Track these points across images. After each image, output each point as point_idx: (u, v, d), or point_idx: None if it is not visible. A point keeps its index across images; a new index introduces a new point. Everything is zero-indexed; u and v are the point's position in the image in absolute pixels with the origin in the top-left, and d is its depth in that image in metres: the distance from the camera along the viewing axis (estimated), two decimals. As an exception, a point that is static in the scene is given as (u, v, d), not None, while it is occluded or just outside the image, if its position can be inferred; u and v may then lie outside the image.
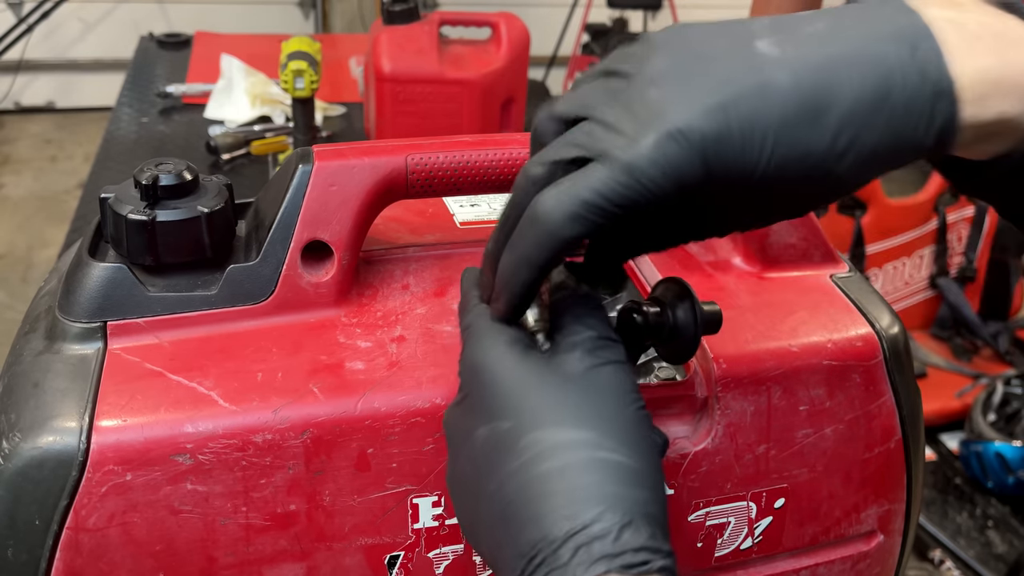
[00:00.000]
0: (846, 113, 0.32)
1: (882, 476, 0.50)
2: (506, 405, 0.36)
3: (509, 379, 0.37)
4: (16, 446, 0.39)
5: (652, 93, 0.33)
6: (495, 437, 0.36)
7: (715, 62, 0.33)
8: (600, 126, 0.34)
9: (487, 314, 0.39)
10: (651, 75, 0.33)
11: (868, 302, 0.52)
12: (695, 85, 0.32)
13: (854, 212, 1.93)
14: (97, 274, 0.44)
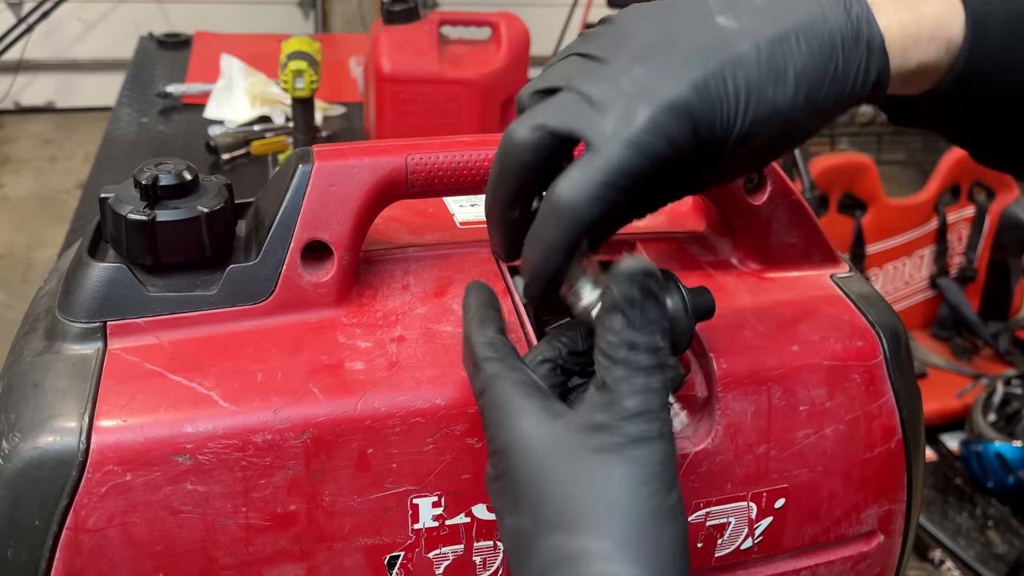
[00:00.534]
0: (801, 72, 0.37)
1: (882, 476, 0.50)
2: (528, 499, 0.35)
3: (532, 467, 0.35)
4: (16, 446, 0.39)
5: (637, 70, 0.36)
6: (518, 532, 0.36)
7: (687, 39, 0.37)
8: (586, 101, 0.37)
9: (509, 374, 0.38)
10: (631, 54, 0.37)
11: (868, 302, 0.52)
12: (676, 61, 0.36)
13: (854, 212, 1.93)
14: (97, 274, 0.44)
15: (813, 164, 1.87)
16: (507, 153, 0.39)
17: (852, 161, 1.93)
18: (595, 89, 0.37)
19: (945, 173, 1.99)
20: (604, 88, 0.36)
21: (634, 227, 0.57)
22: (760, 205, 0.52)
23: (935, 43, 0.38)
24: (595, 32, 0.40)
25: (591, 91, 0.37)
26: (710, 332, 0.48)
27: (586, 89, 0.37)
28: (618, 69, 0.37)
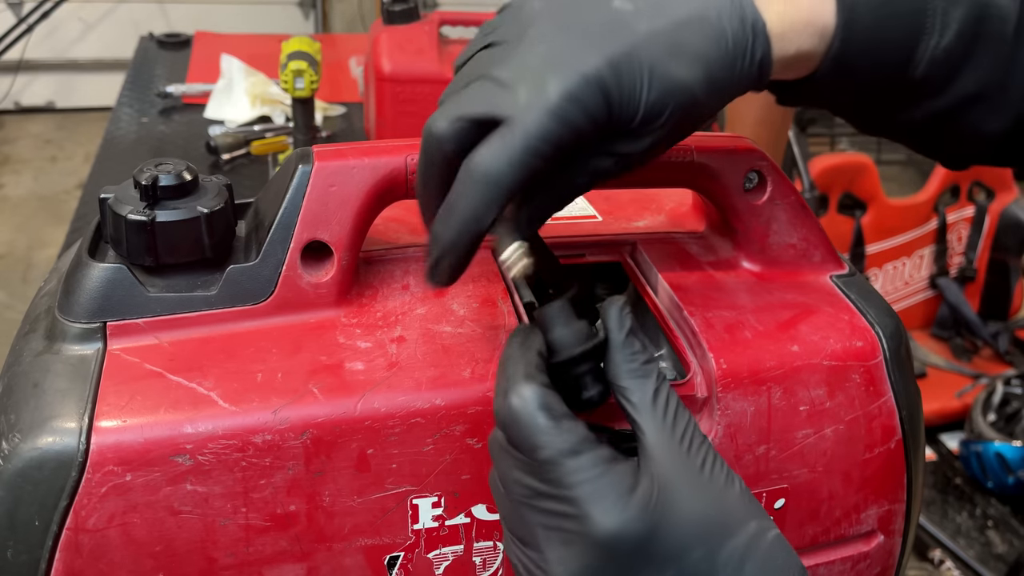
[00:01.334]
0: (697, 51, 0.39)
1: (882, 476, 0.50)
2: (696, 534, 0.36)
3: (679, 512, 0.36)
4: (16, 447, 0.39)
5: (542, 49, 0.38)
6: (686, 572, 0.36)
7: (589, 22, 0.39)
8: (497, 84, 0.38)
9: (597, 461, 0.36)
10: (536, 36, 0.39)
11: (868, 302, 0.52)
12: (583, 40, 0.38)
13: (854, 212, 1.93)
14: (97, 274, 0.44)
15: (813, 164, 1.87)
16: (428, 146, 0.39)
17: (852, 161, 1.93)
18: (504, 71, 0.38)
19: (945, 173, 1.99)
20: (513, 68, 0.38)
21: (635, 227, 0.57)
22: (760, 205, 0.52)
23: (810, 29, 0.41)
24: (495, 21, 0.42)
25: (500, 74, 0.38)
26: (710, 332, 0.48)
27: (496, 73, 0.38)
28: (524, 50, 0.39)
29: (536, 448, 0.36)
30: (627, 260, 0.55)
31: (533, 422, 0.36)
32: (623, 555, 0.35)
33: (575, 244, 0.55)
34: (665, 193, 0.62)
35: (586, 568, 0.36)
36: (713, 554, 0.36)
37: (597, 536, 0.35)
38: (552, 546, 0.37)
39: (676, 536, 0.36)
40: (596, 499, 0.35)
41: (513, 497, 0.38)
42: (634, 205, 0.60)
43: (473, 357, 0.45)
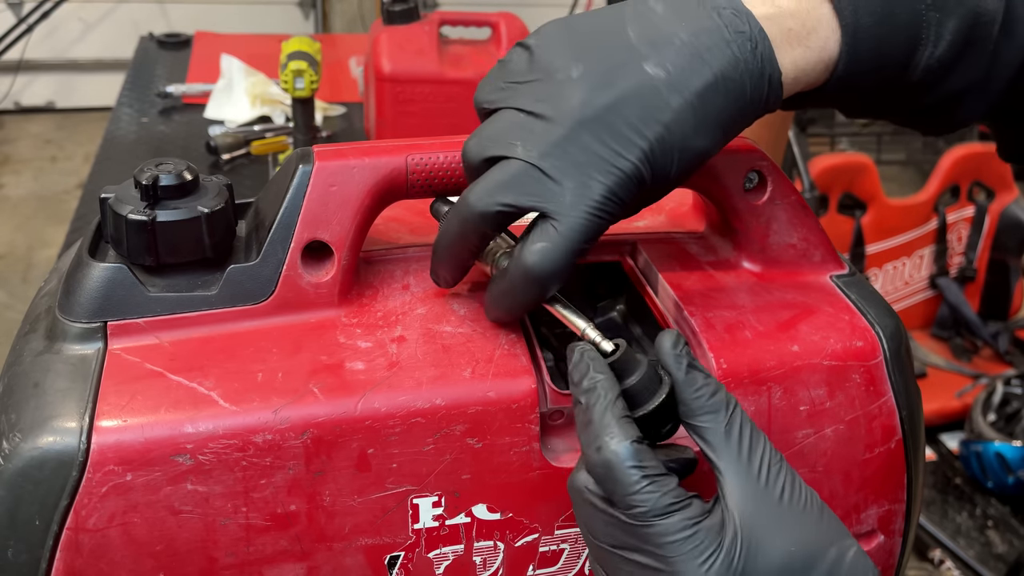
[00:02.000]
0: (720, 116, 0.42)
1: (882, 476, 0.50)
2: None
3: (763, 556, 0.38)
4: (16, 446, 0.39)
5: (586, 138, 0.41)
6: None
7: (626, 99, 0.41)
8: (543, 174, 0.41)
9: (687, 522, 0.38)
10: (575, 116, 0.41)
11: (868, 302, 0.52)
12: (623, 130, 0.41)
13: (854, 212, 1.94)
14: (97, 274, 0.44)
15: (813, 164, 1.87)
16: (468, 221, 0.43)
17: (852, 161, 1.93)
18: (548, 162, 0.41)
19: (945, 173, 1.99)
20: (558, 160, 0.41)
21: (635, 227, 0.57)
22: (760, 205, 0.52)
23: (820, 67, 0.44)
24: (522, 73, 0.43)
25: (544, 164, 0.41)
26: (710, 332, 0.48)
27: (539, 161, 0.41)
28: (566, 136, 0.41)
29: (630, 506, 0.38)
30: (627, 260, 0.55)
31: (628, 479, 0.38)
32: None
33: (575, 244, 0.55)
34: (665, 193, 0.62)
35: None
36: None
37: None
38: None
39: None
40: (685, 560, 0.37)
41: (601, 542, 0.40)
42: (634, 205, 0.60)
43: (474, 357, 0.45)
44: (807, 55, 0.43)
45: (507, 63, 0.44)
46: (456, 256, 0.46)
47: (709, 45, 0.41)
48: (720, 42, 0.41)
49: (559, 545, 0.48)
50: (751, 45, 0.42)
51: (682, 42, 0.41)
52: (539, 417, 0.45)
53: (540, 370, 0.46)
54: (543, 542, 0.47)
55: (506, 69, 0.44)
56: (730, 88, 0.42)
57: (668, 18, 0.42)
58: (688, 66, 0.41)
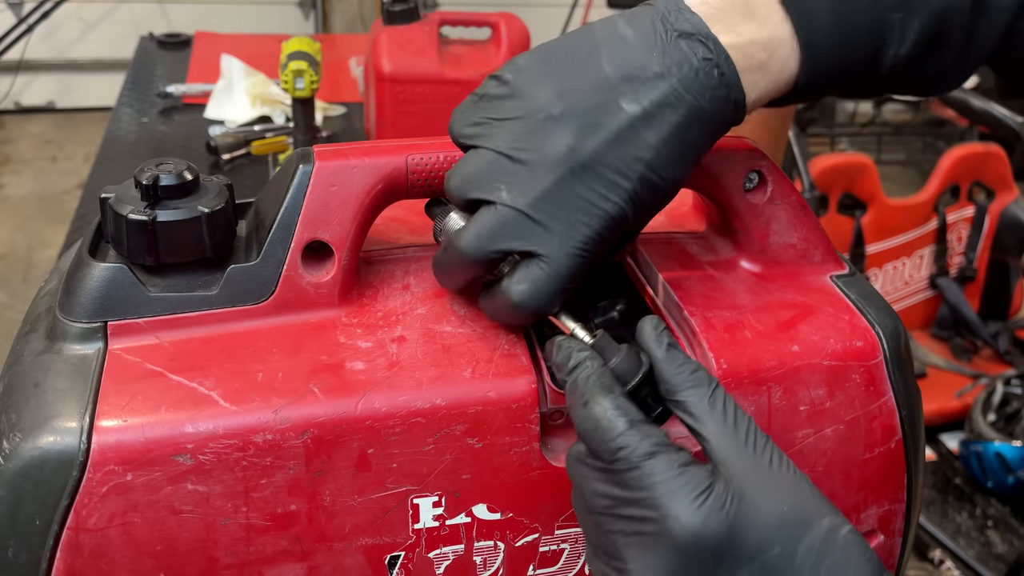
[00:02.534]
0: (693, 147, 0.44)
1: (882, 476, 0.50)
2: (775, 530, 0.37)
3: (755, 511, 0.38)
4: (17, 446, 0.39)
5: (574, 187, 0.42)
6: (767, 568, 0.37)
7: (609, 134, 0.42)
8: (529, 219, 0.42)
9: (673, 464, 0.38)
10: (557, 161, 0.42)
11: (868, 302, 0.52)
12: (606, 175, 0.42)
13: (854, 212, 1.93)
14: (97, 274, 0.44)
15: (813, 164, 1.87)
16: (459, 261, 0.45)
17: (852, 161, 1.93)
18: (537, 209, 0.42)
19: (945, 173, 1.99)
20: (546, 206, 0.42)
21: (634, 227, 0.57)
22: (760, 205, 0.52)
23: (780, 84, 0.46)
24: (499, 109, 0.44)
25: (534, 212, 0.42)
26: (710, 332, 0.48)
27: (528, 209, 0.42)
28: (554, 183, 0.42)
29: (616, 451, 0.38)
30: (627, 260, 0.55)
31: (612, 427, 0.39)
32: (703, 554, 0.36)
33: (575, 244, 0.55)
34: (665, 193, 0.62)
35: (668, 571, 0.37)
36: (791, 550, 0.37)
37: (677, 537, 0.37)
38: (634, 553, 0.38)
39: (754, 533, 0.37)
40: (675, 500, 0.37)
41: (594, 509, 0.40)
42: (634, 205, 0.60)
43: (474, 357, 0.45)
44: (766, 78, 0.45)
45: (482, 96, 0.44)
46: (454, 284, 0.48)
47: (680, 76, 0.42)
48: (690, 72, 0.42)
49: (559, 545, 0.48)
50: (717, 72, 0.43)
51: (655, 74, 0.42)
52: (539, 417, 0.45)
53: (540, 370, 0.46)
54: (543, 542, 0.47)
55: (482, 103, 0.44)
56: (702, 118, 0.43)
57: (638, 47, 0.43)
58: (662, 99, 0.42)
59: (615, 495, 0.39)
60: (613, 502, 0.39)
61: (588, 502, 0.40)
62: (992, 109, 1.83)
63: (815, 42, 0.44)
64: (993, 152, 1.99)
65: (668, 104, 0.42)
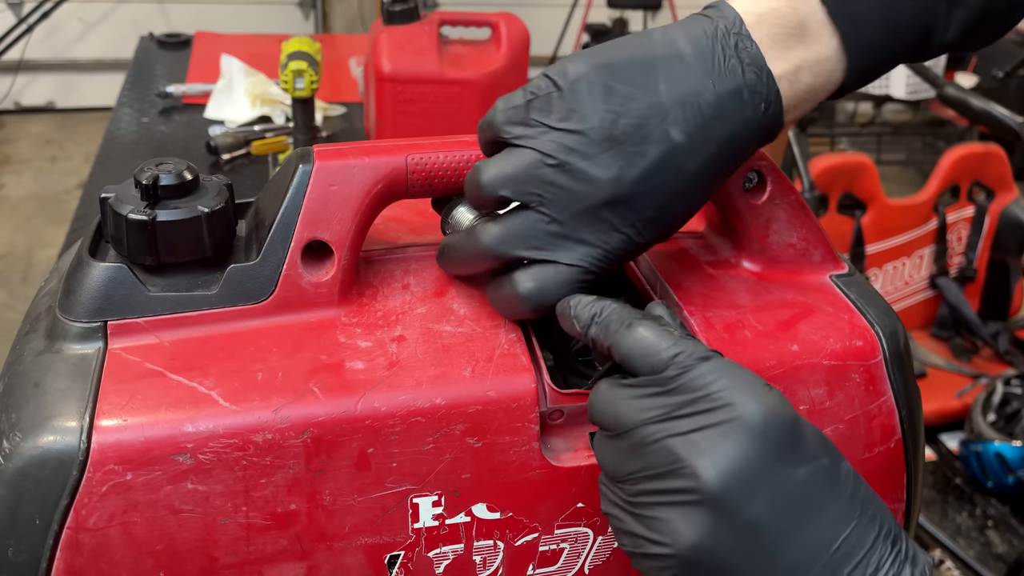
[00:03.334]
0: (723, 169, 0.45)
1: (882, 476, 0.50)
2: (820, 444, 0.38)
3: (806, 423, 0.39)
4: (17, 445, 0.39)
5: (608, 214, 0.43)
6: (820, 474, 0.37)
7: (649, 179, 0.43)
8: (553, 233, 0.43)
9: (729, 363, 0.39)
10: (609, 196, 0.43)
11: (868, 302, 0.52)
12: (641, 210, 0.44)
13: (854, 212, 1.93)
14: (97, 274, 0.44)
15: (813, 164, 1.87)
16: (479, 256, 0.45)
17: (852, 161, 1.93)
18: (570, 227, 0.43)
19: (945, 173, 1.99)
20: (578, 224, 0.43)
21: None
22: (760, 205, 0.52)
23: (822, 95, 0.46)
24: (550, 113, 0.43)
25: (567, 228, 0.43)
26: (710, 332, 0.48)
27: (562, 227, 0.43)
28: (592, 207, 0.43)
29: (671, 359, 0.39)
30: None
31: (662, 339, 0.39)
32: (773, 438, 0.37)
33: (575, 244, 0.55)
34: (665, 193, 0.62)
35: (739, 455, 0.36)
36: (836, 467, 0.38)
37: (750, 419, 0.37)
38: (695, 449, 0.37)
39: (810, 436, 0.38)
40: (743, 388, 0.38)
41: (639, 424, 0.39)
42: (634, 205, 0.60)
43: (473, 357, 0.45)
44: (809, 100, 0.46)
45: (534, 96, 0.44)
46: (463, 272, 0.49)
47: (730, 108, 0.43)
48: (739, 104, 0.43)
49: (559, 544, 0.48)
50: (764, 106, 0.44)
51: (707, 103, 0.43)
52: (539, 416, 0.45)
53: (540, 369, 0.46)
54: (543, 541, 0.47)
55: (534, 104, 0.44)
56: (737, 146, 0.44)
57: (695, 70, 0.43)
58: (707, 129, 0.43)
59: (669, 402, 0.38)
60: (666, 408, 0.38)
61: (629, 419, 0.39)
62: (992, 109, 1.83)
63: (865, 48, 0.45)
64: (993, 152, 1.99)
65: (711, 135, 0.43)
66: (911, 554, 0.37)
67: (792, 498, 0.37)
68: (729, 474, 0.36)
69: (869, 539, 0.37)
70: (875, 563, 0.36)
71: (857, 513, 0.37)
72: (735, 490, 0.36)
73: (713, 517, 0.36)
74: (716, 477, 0.36)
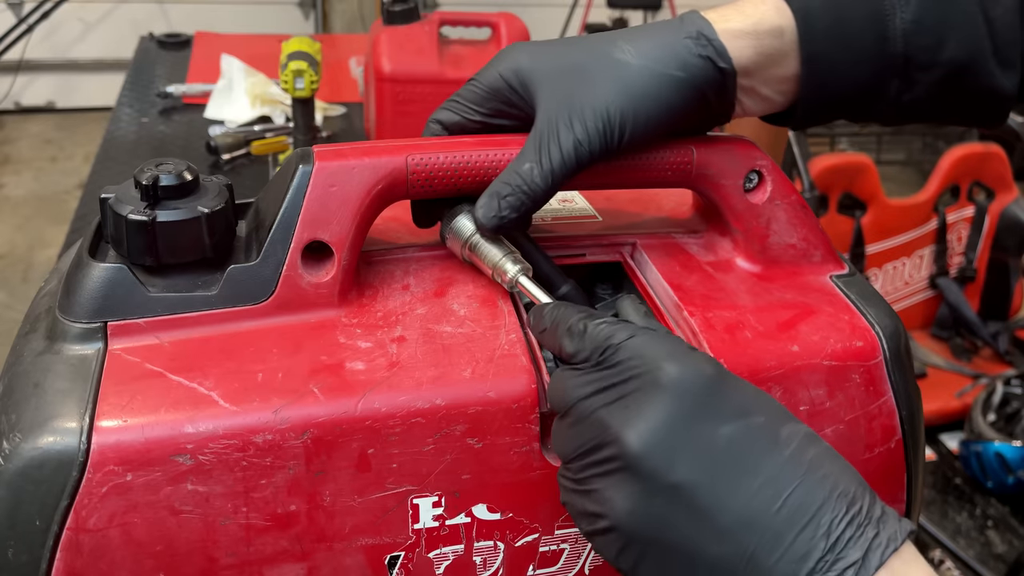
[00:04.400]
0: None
1: (882, 476, 0.50)
2: (754, 403, 0.38)
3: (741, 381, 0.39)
4: (16, 446, 0.39)
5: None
6: (752, 432, 0.37)
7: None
8: None
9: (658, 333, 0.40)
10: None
11: (868, 302, 0.52)
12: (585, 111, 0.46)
13: (854, 212, 1.93)
14: (97, 274, 0.44)
15: (813, 164, 1.87)
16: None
17: (852, 161, 1.93)
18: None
19: (945, 173, 1.99)
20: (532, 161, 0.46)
21: (634, 227, 0.57)
22: (760, 205, 0.52)
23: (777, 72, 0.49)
24: None
25: None
26: (710, 332, 0.48)
27: None
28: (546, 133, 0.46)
29: (604, 342, 0.40)
30: (627, 260, 0.55)
31: (596, 328, 0.41)
32: (690, 398, 0.37)
33: (575, 244, 0.55)
34: (665, 193, 0.62)
35: (655, 417, 0.37)
36: (776, 425, 0.37)
37: (663, 381, 0.37)
38: (619, 415, 0.38)
39: (739, 395, 0.38)
40: (663, 355, 0.38)
41: (577, 399, 0.40)
42: (634, 205, 0.60)
43: (474, 357, 0.45)
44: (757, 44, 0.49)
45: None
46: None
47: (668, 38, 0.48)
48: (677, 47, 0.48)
49: (559, 545, 0.48)
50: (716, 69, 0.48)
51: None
52: (539, 417, 0.45)
53: (540, 370, 0.46)
54: (543, 542, 0.47)
55: None
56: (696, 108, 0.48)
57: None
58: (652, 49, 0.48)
59: (601, 377, 0.39)
60: (599, 385, 0.39)
61: (570, 397, 0.40)
62: (992, 109, 1.82)
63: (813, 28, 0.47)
64: (993, 152, 1.99)
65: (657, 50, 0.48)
66: (876, 517, 0.36)
67: (719, 456, 0.36)
68: (647, 436, 0.37)
69: (818, 498, 0.35)
70: (827, 523, 0.35)
71: (802, 472, 0.36)
72: (656, 453, 0.36)
73: (639, 482, 0.37)
74: (636, 440, 0.37)
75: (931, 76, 0.49)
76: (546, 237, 0.54)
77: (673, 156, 0.50)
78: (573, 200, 0.60)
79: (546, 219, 0.56)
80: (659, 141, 0.49)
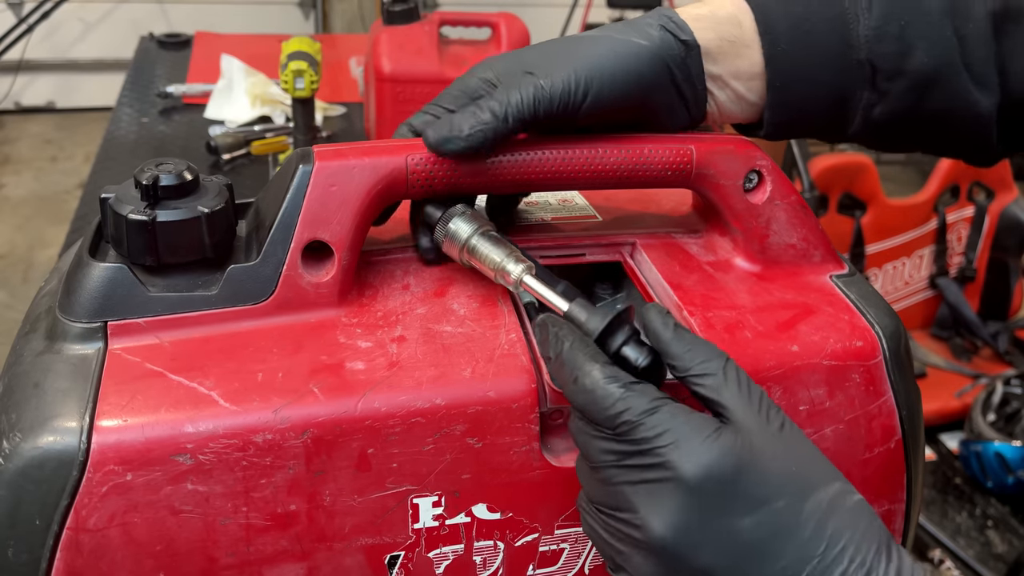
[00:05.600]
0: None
1: (882, 476, 0.50)
2: (776, 486, 0.38)
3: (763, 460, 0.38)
4: (17, 446, 0.39)
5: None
6: (773, 518, 0.37)
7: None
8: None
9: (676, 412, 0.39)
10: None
11: (868, 302, 0.52)
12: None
13: (854, 212, 1.93)
14: (97, 274, 0.44)
15: (813, 164, 1.87)
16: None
17: (852, 161, 1.93)
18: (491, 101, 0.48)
19: (944, 173, 1.99)
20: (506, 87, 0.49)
21: (634, 227, 0.57)
22: (760, 205, 0.52)
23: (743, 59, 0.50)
24: None
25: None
26: (710, 332, 0.48)
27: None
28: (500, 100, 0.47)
29: (617, 416, 0.39)
30: (627, 260, 0.55)
31: (607, 394, 0.39)
32: (711, 493, 0.37)
33: (575, 244, 0.55)
34: (665, 193, 0.62)
35: (679, 511, 0.37)
36: (797, 505, 0.37)
37: (686, 474, 0.37)
38: (643, 500, 0.38)
39: (760, 482, 0.37)
40: (681, 443, 0.38)
41: (600, 465, 0.40)
42: (634, 205, 0.60)
43: (473, 357, 0.45)
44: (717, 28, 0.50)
45: None
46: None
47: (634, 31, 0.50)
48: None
49: (559, 545, 0.48)
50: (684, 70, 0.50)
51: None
52: (539, 417, 0.45)
53: (540, 370, 0.46)
54: (543, 542, 0.47)
55: None
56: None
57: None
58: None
59: (621, 450, 0.39)
60: (619, 456, 0.39)
61: (592, 459, 0.40)
62: (992, 109, 1.82)
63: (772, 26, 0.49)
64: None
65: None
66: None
67: (740, 547, 0.37)
68: (672, 530, 0.37)
69: (835, 574, 0.37)
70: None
71: (821, 550, 0.37)
72: (681, 543, 0.37)
73: (664, 563, 0.38)
74: (660, 530, 0.38)
75: (898, 86, 0.49)
76: (546, 237, 0.54)
77: (673, 156, 0.50)
78: (573, 200, 0.60)
79: (546, 219, 0.57)
80: (629, 115, 0.50)
